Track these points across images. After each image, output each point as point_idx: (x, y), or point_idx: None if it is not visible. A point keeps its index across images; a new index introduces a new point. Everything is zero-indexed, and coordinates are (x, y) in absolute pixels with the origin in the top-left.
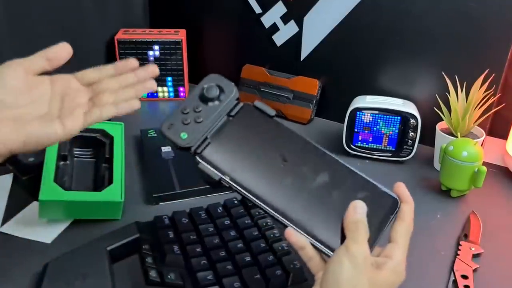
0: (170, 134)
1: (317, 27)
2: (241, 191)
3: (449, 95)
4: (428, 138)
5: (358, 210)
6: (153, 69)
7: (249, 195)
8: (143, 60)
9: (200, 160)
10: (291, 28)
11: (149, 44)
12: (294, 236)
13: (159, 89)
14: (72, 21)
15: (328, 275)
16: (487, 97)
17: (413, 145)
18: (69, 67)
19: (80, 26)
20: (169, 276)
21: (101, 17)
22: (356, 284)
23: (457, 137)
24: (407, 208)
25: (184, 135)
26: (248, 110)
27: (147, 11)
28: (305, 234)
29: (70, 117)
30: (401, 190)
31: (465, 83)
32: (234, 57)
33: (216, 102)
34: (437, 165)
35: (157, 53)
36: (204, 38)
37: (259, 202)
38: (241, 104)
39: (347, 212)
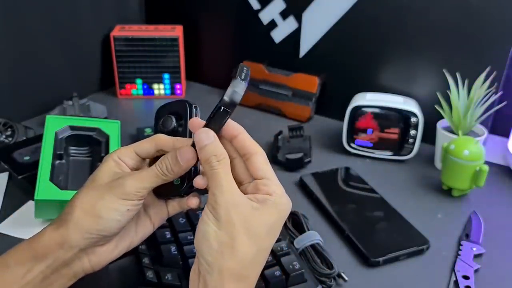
0: (167, 192)
1: (316, 23)
2: None
3: (450, 92)
4: (430, 136)
5: (198, 143)
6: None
7: None
8: (140, 57)
9: None
10: (290, 24)
11: (145, 41)
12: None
13: (155, 86)
14: (67, 18)
15: (197, 234)
16: (489, 94)
17: (414, 144)
18: (66, 64)
19: (75, 22)
20: (166, 277)
21: (96, 13)
22: (225, 240)
23: (458, 135)
24: (245, 137)
25: (177, 181)
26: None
27: (143, 7)
28: None
29: (158, 213)
30: (231, 123)
31: (466, 80)
32: (231, 54)
33: (182, 124)
34: (438, 164)
35: (153, 50)
36: (201, 35)
37: None
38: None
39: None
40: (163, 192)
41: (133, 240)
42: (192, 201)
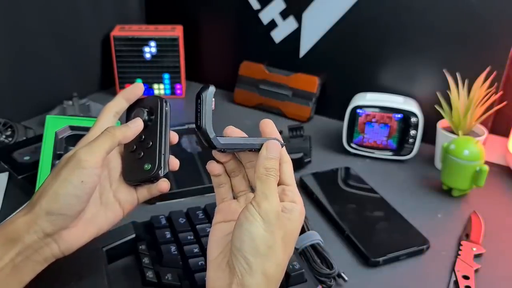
0: (137, 177)
1: (316, 23)
2: None
3: (450, 92)
4: (430, 136)
5: (270, 153)
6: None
7: None
8: (140, 57)
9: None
10: (290, 24)
11: (145, 41)
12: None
13: (156, 86)
14: (68, 18)
15: (241, 233)
16: (489, 94)
17: (414, 144)
18: (66, 64)
19: (75, 22)
20: (166, 277)
21: (96, 13)
22: (272, 244)
23: (458, 135)
24: (282, 148)
25: (147, 166)
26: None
27: (143, 7)
28: None
29: (127, 198)
30: (270, 130)
31: (466, 80)
32: (232, 54)
33: (153, 118)
34: (438, 164)
35: (153, 50)
36: (201, 35)
37: None
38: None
39: (260, 154)
40: (133, 177)
41: (102, 226)
42: (163, 186)
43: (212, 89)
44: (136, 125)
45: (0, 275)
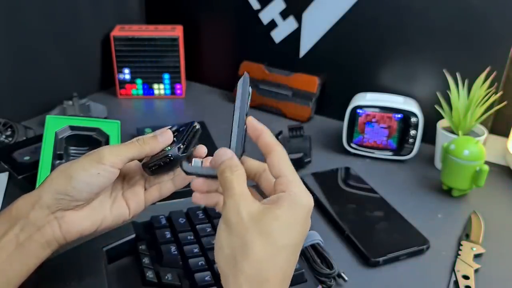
0: (155, 157)
1: (316, 23)
2: None
3: (450, 92)
4: (430, 136)
5: (217, 161)
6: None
7: None
8: (140, 57)
9: None
10: (290, 24)
11: (145, 41)
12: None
13: (155, 86)
14: (68, 18)
15: (215, 245)
16: (489, 94)
17: (414, 144)
18: (66, 64)
19: (75, 22)
20: (166, 277)
21: (96, 13)
22: (238, 245)
23: (458, 135)
24: (266, 136)
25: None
26: None
27: (143, 7)
28: None
29: (134, 198)
30: (253, 123)
31: (466, 80)
32: (232, 54)
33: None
34: (438, 164)
35: (153, 49)
36: (201, 35)
37: None
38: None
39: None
40: (151, 159)
41: (106, 217)
42: (200, 151)
43: (246, 78)
44: (165, 139)
45: (3, 253)
